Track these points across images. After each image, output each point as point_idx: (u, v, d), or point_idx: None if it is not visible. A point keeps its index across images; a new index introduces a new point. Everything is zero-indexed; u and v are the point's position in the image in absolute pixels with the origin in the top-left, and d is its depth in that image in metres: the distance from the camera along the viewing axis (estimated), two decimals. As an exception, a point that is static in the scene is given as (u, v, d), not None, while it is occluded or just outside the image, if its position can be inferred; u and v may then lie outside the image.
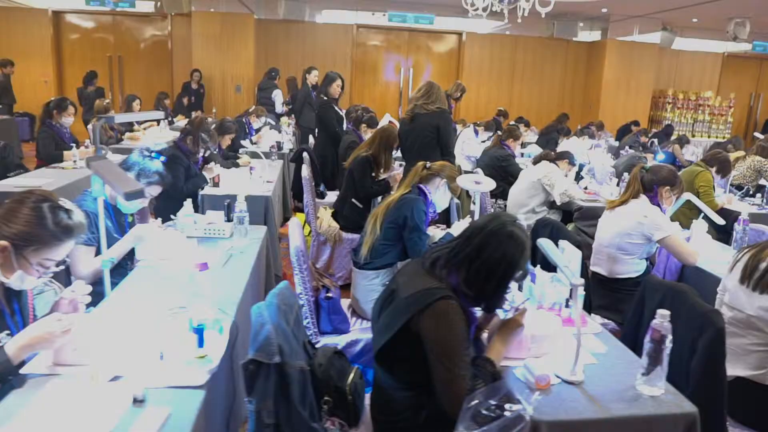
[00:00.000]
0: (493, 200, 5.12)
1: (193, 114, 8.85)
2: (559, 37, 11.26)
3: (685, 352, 1.85)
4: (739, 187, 5.19)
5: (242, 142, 4.79)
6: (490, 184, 2.52)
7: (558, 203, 4.29)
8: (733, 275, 2.09)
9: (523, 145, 7.48)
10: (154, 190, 2.45)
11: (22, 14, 10.25)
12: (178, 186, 3.77)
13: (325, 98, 5.09)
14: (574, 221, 4.27)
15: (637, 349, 2.18)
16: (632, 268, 2.85)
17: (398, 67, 11.49)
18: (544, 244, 1.70)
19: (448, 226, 3.92)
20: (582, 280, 1.55)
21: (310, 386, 1.67)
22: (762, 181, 5.39)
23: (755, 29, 9.87)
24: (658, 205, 2.87)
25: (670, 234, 2.75)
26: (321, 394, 1.78)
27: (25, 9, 10.28)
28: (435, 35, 11.54)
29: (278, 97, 8.88)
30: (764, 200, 4.61)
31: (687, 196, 3.06)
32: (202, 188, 3.85)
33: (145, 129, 7.08)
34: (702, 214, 3.02)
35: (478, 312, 1.76)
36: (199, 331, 1.63)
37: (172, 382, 1.49)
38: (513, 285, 1.86)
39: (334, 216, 4.06)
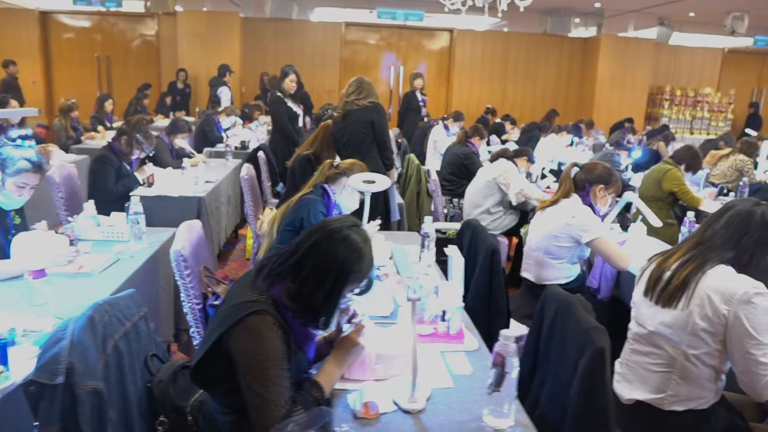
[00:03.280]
0: (456, 200, 4.91)
1: (173, 114, 8.78)
2: (552, 33, 10.97)
3: (569, 373, 1.64)
4: (715, 186, 4.91)
5: (177, 141, 4.61)
6: (384, 183, 2.32)
7: (513, 203, 4.07)
8: (639, 286, 1.87)
9: (504, 143, 7.26)
10: (30, 179, 2.28)
11: (8, 14, 10.22)
12: (108, 187, 3.64)
13: (279, 94, 4.92)
14: (529, 222, 4.04)
15: (535, 368, 1.97)
16: (561, 273, 2.64)
17: (388, 65, 11.29)
18: (396, 252, 1.49)
19: (386, 227, 3.74)
20: (420, 294, 1.35)
21: (128, 408, 1.50)
22: (744, 181, 5.11)
23: (755, 23, 9.50)
24: (591, 205, 2.66)
25: (600, 236, 2.53)
26: (157, 414, 1.61)
27: (11, 9, 10.26)
28: (425, 32, 11.33)
29: (224, 93, 8.60)
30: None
31: (628, 196, 2.83)
32: (134, 189, 3.70)
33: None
34: (640, 217, 2.79)
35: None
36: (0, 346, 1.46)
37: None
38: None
39: (278, 217, 3.88)
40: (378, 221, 2.60)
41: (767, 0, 8.35)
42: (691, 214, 2.87)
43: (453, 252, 1.88)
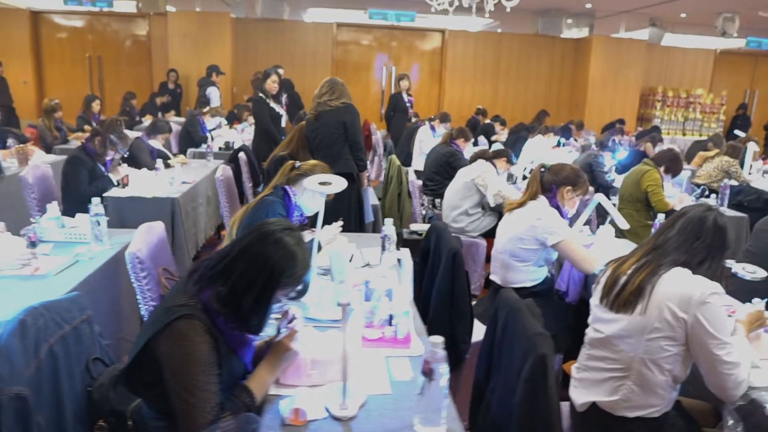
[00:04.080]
0: (439, 200, 4.87)
1: (161, 114, 8.75)
2: (544, 34, 10.94)
3: (513, 381, 1.61)
4: (699, 186, 4.89)
5: (151, 142, 4.58)
6: (341, 184, 2.28)
7: (492, 204, 4.04)
8: (596, 292, 1.84)
9: (492, 144, 7.23)
10: None
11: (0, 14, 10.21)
12: (81, 188, 3.62)
13: (261, 95, 4.90)
14: (507, 224, 4.01)
15: (490, 372, 1.94)
16: (527, 276, 2.61)
17: (380, 65, 11.27)
18: (331, 255, 1.47)
19: (360, 229, 3.71)
20: (350, 299, 1.32)
21: (62, 412, 1.48)
22: (725, 183, 5.08)
23: (747, 24, 9.47)
24: (558, 207, 2.63)
25: (565, 239, 2.50)
26: (96, 418, 1.59)
27: (2, 9, 10.23)
28: (418, 33, 11.31)
29: (213, 94, 8.51)
30: (719, 201, 4.29)
31: (598, 198, 2.80)
32: (109, 190, 3.68)
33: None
34: (609, 218, 2.76)
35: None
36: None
37: None
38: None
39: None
40: (340, 222, 2.57)
41: (758, 1, 8.32)
42: (661, 216, 2.84)
43: (404, 255, 1.85)
